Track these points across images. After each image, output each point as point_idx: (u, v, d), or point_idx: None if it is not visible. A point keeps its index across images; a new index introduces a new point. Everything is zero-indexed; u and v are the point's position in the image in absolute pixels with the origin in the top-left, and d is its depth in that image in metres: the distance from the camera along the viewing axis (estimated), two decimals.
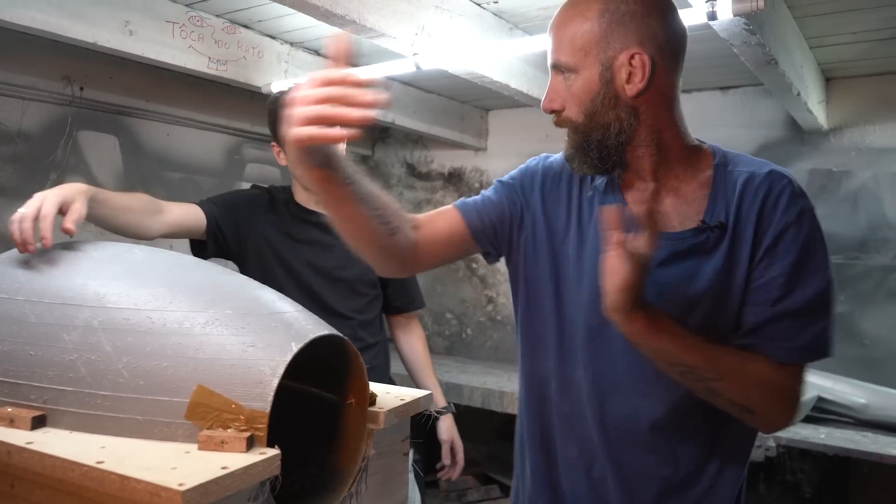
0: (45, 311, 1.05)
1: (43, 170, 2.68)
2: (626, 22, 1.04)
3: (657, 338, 1.01)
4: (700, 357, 1.01)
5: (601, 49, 1.04)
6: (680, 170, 1.11)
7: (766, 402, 1.04)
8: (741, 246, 1.06)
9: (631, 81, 1.04)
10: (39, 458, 0.90)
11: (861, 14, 2.18)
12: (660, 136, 1.09)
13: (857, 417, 2.58)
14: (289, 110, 0.93)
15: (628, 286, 0.97)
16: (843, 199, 2.94)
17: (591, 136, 1.08)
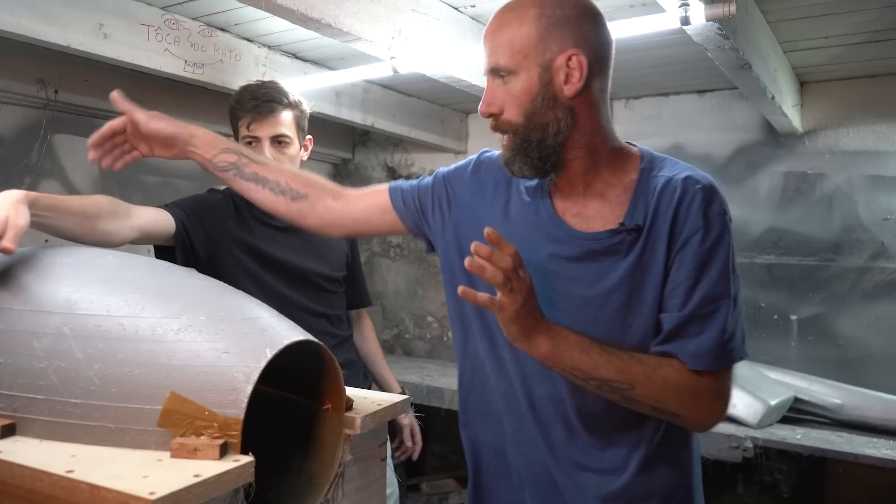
0: (15, 318, 1.03)
1: (17, 174, 2.64)
2: (562, 26, 1.07)
3: (563, 358, 1.05)
4: (611, 369, 1.05)
5: (539, 51, 1.07)
6: (608, 173, 1.15)
7: (685, 405, 1.08)
8: (655, 248, 1.10)
9: (569, 82, 1.07)
10: (8, 467, 0.88)
11: (834, 18, 2.22)
12: (591, 138, 1.12)
13: (832, 418, 2.61)
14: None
15: (515, 318, 1.01)
16: (817, 201, 2.98)
17: (531, 136, 1.10)
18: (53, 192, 2.76)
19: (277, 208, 1.37)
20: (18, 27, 1.93)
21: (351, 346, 2.00)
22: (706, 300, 1.07)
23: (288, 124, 1.80)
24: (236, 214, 1.85)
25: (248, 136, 1.77)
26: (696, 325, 1.08)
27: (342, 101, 3.05)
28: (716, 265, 1.08)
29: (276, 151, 1.77)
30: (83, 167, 2.88)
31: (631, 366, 1.06)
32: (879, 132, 2.88)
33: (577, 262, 1.14)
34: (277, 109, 1.77)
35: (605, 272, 1.12)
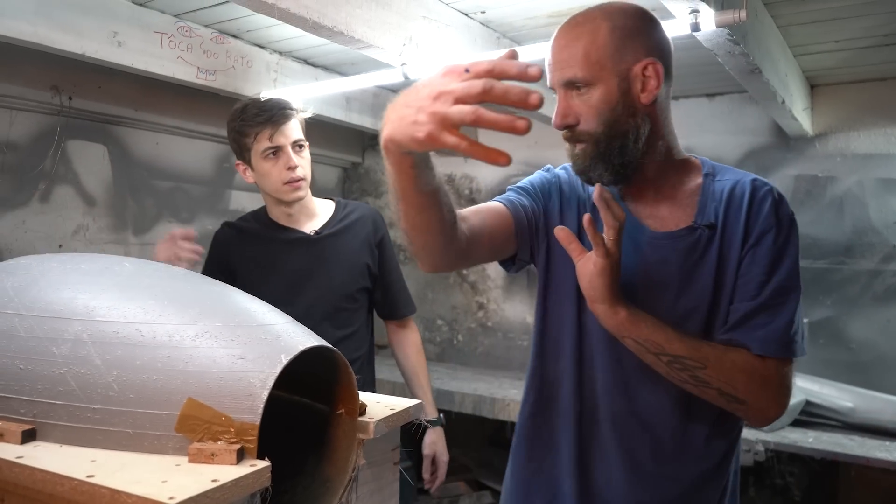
0: (35, 324, 1.05)
1: (31, 180, 2.68)
2: (635, 36, 1.12)
3: (639, 328, 1.10)
4: (683, 346, 1.09)
5: (617, 62, 1.11)
6: (675, 178, 1.21)
7: (752, 391, 1.11)
8: (731, 245, 1.16)
9: (646, 90, 1.12)
10: (30, 472, 0.90)
11: (844, 23, 2.21)
12: (663, 143, 1.19)
13: (844, 421, 2.60)
14: (434, 103, 0.89)
15: (609, 271, 1.07)
16: (828, 204, 2.97)
17: (613, 144, 1.14)
18: (67, 197, 2.80)
19: (445, 229, 1.21)
20: (35, 36, 1.96)
21: (363, 366, 1.95)
22: (777, 292, 1.13)
23: (300, 129, 1.86)
24: (241, 238, 1.92)
25: (271, 146, 1.79)
26: (766, 314, 1.13)
27: (352, 105, 3.06)
28: (787, 261, 1.14)
29: (298, 156, 1.81)
30: (96, 173, 2.91)
31: (702, 346, 1.10)
32: (890, 135, 2.87)
33: (662, 267, 1.19)
34: (292, 115, 1.83)
35: (693, 268, 1.18)
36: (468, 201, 3.93)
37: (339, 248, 1.90)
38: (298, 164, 1.82)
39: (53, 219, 2.76)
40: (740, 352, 1.12)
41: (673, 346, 1.09)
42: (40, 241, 2.71)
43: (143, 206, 3.10)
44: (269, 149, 1.80)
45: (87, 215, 2.88)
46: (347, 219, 1.94)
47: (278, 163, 1.81)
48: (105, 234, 2.94)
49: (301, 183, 1.84)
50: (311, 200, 1.94)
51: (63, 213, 2.79)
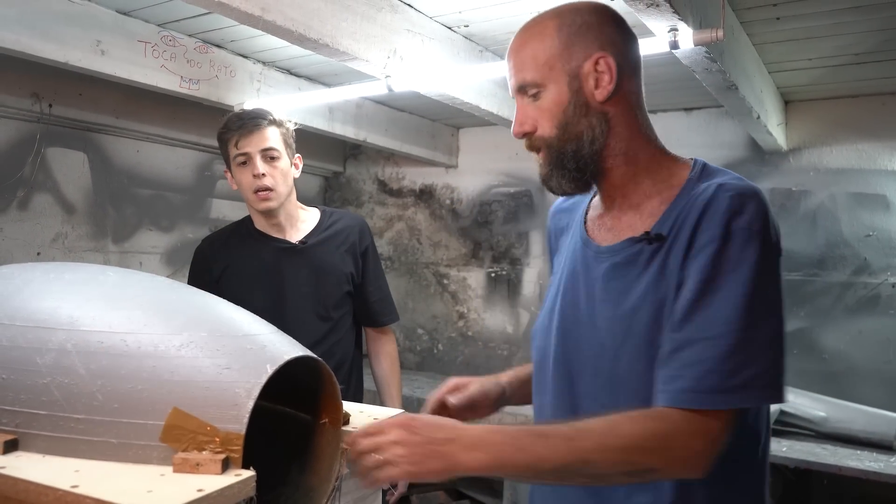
0: (18, 334, 1.05)
1: (10, 187, 2.65)
2: (584, 32, 1.05)
3: (504, 462, 0.94)
4: (557, 454, 0.92)
5: (565, 60, 1.05)
6: (648, 183, 1.08)
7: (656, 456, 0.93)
8: (671, 260, 1.00)
9: (599, 86, 1.04)
10: (12, 482, 0.90)
11: (817, 42, 2.27)
12: (629, 144, 1.08)
13: (817, 430, 2.65)
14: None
15: (414, 472, 0.96)
16: (801, 217, 3.04)
17: (566, 147, 1.06)
18: (46, 204, 2.78)
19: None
20: (18, 44, 1.95)
21: (349, 373, 1.95)
22: (709, 322, 0.93)
23: (275, 139, 1.85)
24: (225, 247, 1.94)
25: (239, 153, 1.82)
26: (694, 351, 0.94)
27: (335, 116, 3.08)
28: (729, 284, 0.93)
29: (267, 166, 1.82)
30: (76, 180, 2.89)
31: (579, 440, 0.93)
32: (861, 151, 2.94)
33: (604, 280, 1.08)
34: (263, 125, 1.83)
35: (629, 287, 1.04)
36: (449, 211, 3.96)
37: (324, 257, 1.91)
38: (264, 173, 1.81)
39: (32, 226, 2.73)
40: (632, 418, 0.94)
41: (545, 462, 0.92)
42: (18, 248, 2.68)
43: (123, 215, 3.08)
44: (238, 155, 1.83)
45: (67, 223, 2.86)
46: (332, 228, 1.96)
47: (246, 171, 1.83)
48: (84, 241, 2.92)
49: (269, 193, 1.83)
50: (297, 209, 1.96)
51: (42, 220, 2.77)
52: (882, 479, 2.28)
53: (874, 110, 2.90)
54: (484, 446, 0.94)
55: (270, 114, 1.87)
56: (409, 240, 4.12)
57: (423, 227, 4.07)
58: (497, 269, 3.81)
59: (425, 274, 4.06)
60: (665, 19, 1.60)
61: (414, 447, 0.94)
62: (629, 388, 1.02)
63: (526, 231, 3.74)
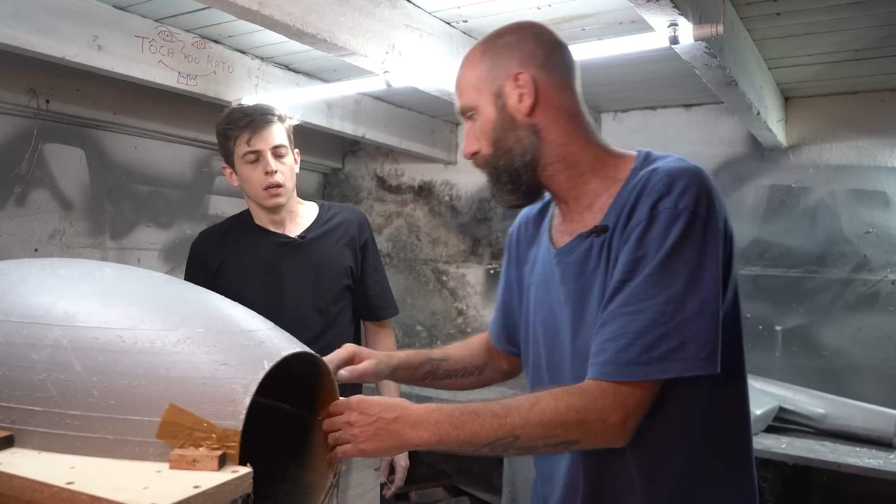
0: (13, 330, 1.04)
1: (7, 183, 2.64)
2: (504, 52, 1.12)
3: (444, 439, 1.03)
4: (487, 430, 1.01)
5: (490, 82, 1.12)
6: (596, 182, 1.12)
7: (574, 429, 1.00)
8: (615, 244, 1.05)
9: (522, 101, 1.10)
10: (8, 479, 0.89)
11: (817, 38, 2.27)
12: (564, 150, 1.12)
13: (816, 427, 2.65)
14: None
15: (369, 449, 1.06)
16: (801, 214, 3.03)
17: (500, 163, 1.14)
18: (43, 200, 2.77)
19: (471, 387, 1.46)
20: (14, 39, 1.94)
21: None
22: (630, 298, 0.99)
23: (283, 136, 1.87)
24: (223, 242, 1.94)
25: (249, 150, 1.82)
26: (616, 326, 1.00)
27: (333, 112, 3.07)
28: (652, 261, 0.98)
29: (277, 162, 1.82)
30: (73, 176, 2.88)
31: (506, 417, 1.00)
32: (861, 147, 2.93)
33: (564, 285, 1.13)
34: (273, 121, 1.84)
35: (588, 284, 1.09)
36: (448, 207, 3.95)
37: (323, 251, 1.90)
38: (277, 170, 1.82)
39: (29, 222, 2.72)
40: (552, 395, 1.01)
41: (479, 437, 1.00)
42: (15, 244, 2.67)
43: (120, 211, 3.07)
44: (249, 153, 1.82)
45: (64, 219, 2.85)
46: (331, 222, 1.95)
47: (257, 168, 1.83)
48: (82, 238, 2.91)
49: (279, 189, 1.84)
50: (296, 204, 1.95)
51: (39, 216, 2.76)
52: (881, 475, 2.28)
53: (874, 107, 2.89)
54: (426, 425, 1.03)
55: (276, 109, 1.87)
56: (407, 236, 4.11)
57: (421, 223, 4.06)
58: (496, 265, 3.80)
59: (424, 270, 4.05)
60: (665, 14, 1.59)
61: (365, 427, 1.04)
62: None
63: None
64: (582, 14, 2.12)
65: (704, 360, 0.96)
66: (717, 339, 0.98)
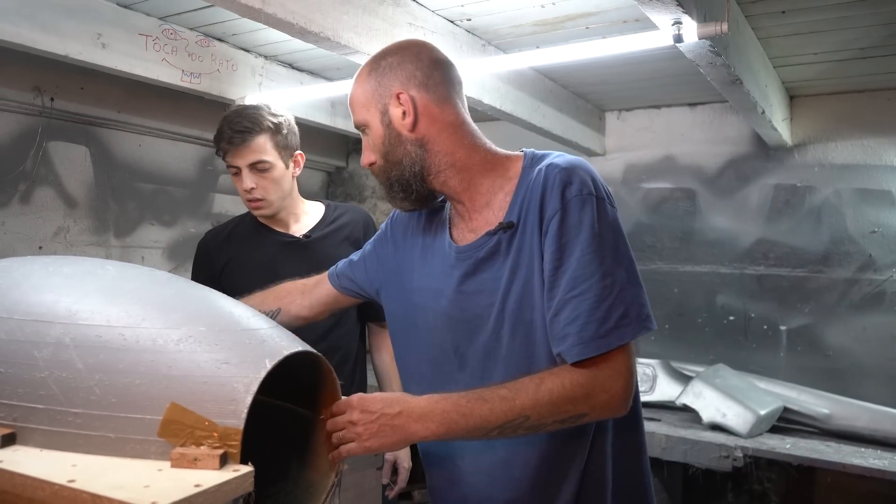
0: (16, 327, 1.04)
1: (12, 181, 2.65)
2: (386, 73, 1.20)
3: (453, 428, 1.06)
4: (497, 414, 1.05)
5: (376, 100, 1.20)
6: (488, 182, 1.21)
7: (582, 404, 1.06)
8: (526, 240, 1.14)
9: (404, 118, 1.18)
10: (9, 476, 0.89)
11: (822, 36, 2.26)
12: (453, 157, 1.20)
13: (821, 427, 2.64)
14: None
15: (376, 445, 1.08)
16: (806, 213, 3.02)
17: (391, 174, 1.22)
18: (47, 198, 2.77)
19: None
20: (18, 37, 1.94)
21: (353, 367, 1.93)
22: (572, 282, 1.08)
23: (265, 149, 1.80)
24: (227, 242, 1.94)
25: (230, 165, 1.83)
26: (567, 311, 1.07)
27: (337, 110, 3.07)
28: (577, 245, 1.08)
29: (257, 177, 1.80)
30: (77, 174, 2.88)
31: (515, 398, 1.05)
32: (867, 146, 2.92)
33: (472, 278, 1.20)
34: (249, 137, 1.77)
35: (495, 277, 1.17)
36: None
37: (328, 250, 1.90)
38: (255, 186, 1.79)
39: (34, 220, 2.73)
40: (554, 374, 1.07)
41: (489, 421, 1.05)
42: (20, 242, 2.68)
43: (125, 209, 3.08)
44: (229, 167, 1.84)
45: (68, 217, 2.85)
46: (337, 222, 1.95)
47: (238, 181, 1.83)
48: (86, 236, 2.92)
49: (259, 203, 1.82)
50: (300, 204, 1.95)
51: (43, 214, 2.76)
52: (886, 476, 2.27)
53: (880, 105, 2.88)
54: (432, 416, 1.06)
55: (262, 121, 1.80)
56: None
57: None
58: None
59: None
60: (669, 13, 1.58)
61: (368, 424, 1.06)
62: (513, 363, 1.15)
63: None
64: (586, 12, 2.11)
65: (646, 319, 1.08)
66: (646, 299, 1.10)
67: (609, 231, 1.10)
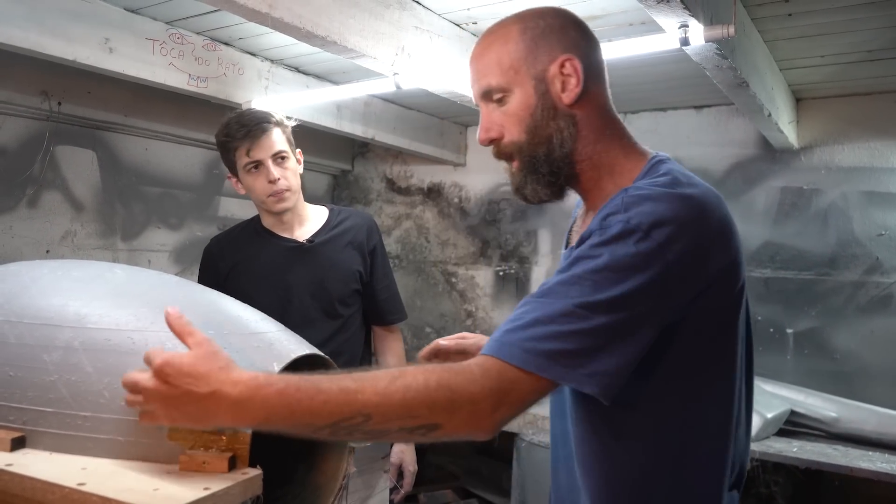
0: (25, 331, 1.05)
1: (20, 185, 2.66)
2: (548, 35, 1.05)
3: (272, 413, 0.87)
4: (331, 407, 0.86)
5: (530, 64, 1.04)
6: (611, 187, 1.06)
7: (439, 410, 0.87)
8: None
9: (566, 89, 1.04)
10: (20, 480, 0.90)
11: (829, 38, 2.25)
12: (594, 148, 1.06)
13: (828, 431, 2.63)
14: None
15: (164, 411, 0.89)
16: (813, 216, 3.01)
17: (537, 151, 1.05)
18: (55, 202, 2.78)
19: None
20: (26, 41, 1.95)
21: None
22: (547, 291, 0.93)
23: (282, 141, 1.87)
24: (233, 246, 1.96)
25: (250, 161, 1.83)
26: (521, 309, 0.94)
27: (343, 114, 3.07)
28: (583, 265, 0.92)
29: (279, 168, 1.83)
30: (85, 178, 2.89)
31: (359, 392, 0.87)
32: (874, 149, 2.91)
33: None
34: (269, 129, 1.84)
35: None
36: (457, 209, 3.95)
37: (331, 255, 1.91)
38: (280, 176, 1.83)
39: (41, 224, 2.74)
40: (424, 371, 0.89)
41: (319, 417, 0.86)
42: (27, 246, 2.69)
43: (131, 212, 3.09)
44: (250, 163, 1.84)
45: (76, 221, 2.86)
46: (341, 226, 1.96)
47: (260, 176, 1.84)
48: (93, 239, 2.93)
49: (285, 194, 1.85)
50: (304, 208, 1.96)
51: (51, 218, 2.77)
52: (894, 480, 2.26)
53: (887, 108, 2.87)
54: (249, 406, 0.86)
55: (269, 114, 1.88)
56: (417, 238, 4.12)
57: (431, 225, 4.06)
58: (505, 267, 3.80)
59: (433, 272, 4.05)
60: (675, 15, 1.58)
61: (169, 400, 0.88)
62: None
63: (534, 229, 3.73)
64: (592, 16, 2.11)
65: (588, 377, 0.88)
66: (613, 368, 0.89)
67: (629, 277, 0.89)
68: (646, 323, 0.91)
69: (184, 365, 0.88)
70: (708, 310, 0.96)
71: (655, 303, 0.90)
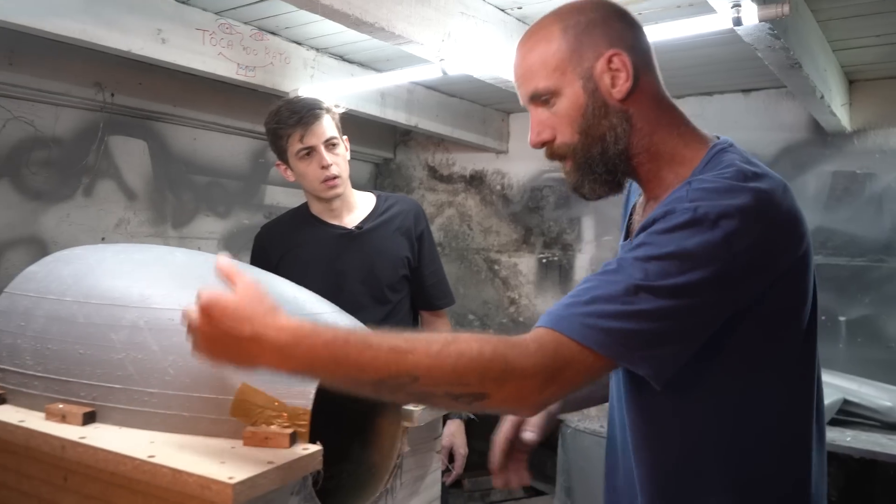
0: (93, 311, 1.09)
1: (75, 174, 2.75)
2: (591, 31, 1.02)
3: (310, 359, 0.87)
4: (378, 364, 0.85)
5: (576, 63, 1.02)
6: (671, 177, 1.04)
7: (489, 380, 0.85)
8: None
9: (616, 85, 1.01)
10: (93, 452, 0.94)
11: (884, 17, 2.18)
12: (650, 140, 1.04)
13: (883, 420, 2.56)
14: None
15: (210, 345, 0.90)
16: (866, 201, 2.93)
17: (592, 151, 1.03)
18: (109, 191, 2.86)
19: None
20: (84, 34, 2.01)
21: None
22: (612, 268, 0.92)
23: (332, 127, 1.89)
24: (284, 234, 1.99)
25: (303, 147, 1.84)
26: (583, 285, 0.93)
27: (387, 101, 3.09)
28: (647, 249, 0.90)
29: (331, 154, 1.85)
30: (136, 167, 2.97)
31: (409, 353, 0.85)
32: None
33: None
34: (321, 115, 1.86)
35: None
36: (499, 196, 3.94)
37: (379, 241, 1.93)
38: (332, 163, 1.85)
39: (96, 212, 2.82)
40: (479, 339, 0.86)
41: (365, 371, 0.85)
42: (84, 233, 2.78)
43: (181, 201, 3.16)
44: (302, 150, 1.85)
45: (129, 209, 2.94)
46: (388, 212, 1.98)
47: (312, 163, 1.86)
48: (146, 227, 3.01)
49: (336, 181, 1.87)
50: (352, 195, 1.98)
51: (105, 206, 2.86)
52: None
53: None
54: (294, 353, 0.86)
55: (321, 101, 1.90)
56: (459, 226, 4.12)
57: (473, 212, 4.07)
58: (548, 254, 3.79)
59: (476, 260, 4.06)
60: None
61: (212, 339, 0.89)
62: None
63: (577, 216, 3.71)
64: None
65: (646, 360, 0.88)
66: (670, 353, 0.89)
67: (695, 264, 0.87)
68: (707, 313, 0.89)
69: (228, 306, 0.88)
70: (774, 303, 0.94)
71: (719, 295, 0.89)
